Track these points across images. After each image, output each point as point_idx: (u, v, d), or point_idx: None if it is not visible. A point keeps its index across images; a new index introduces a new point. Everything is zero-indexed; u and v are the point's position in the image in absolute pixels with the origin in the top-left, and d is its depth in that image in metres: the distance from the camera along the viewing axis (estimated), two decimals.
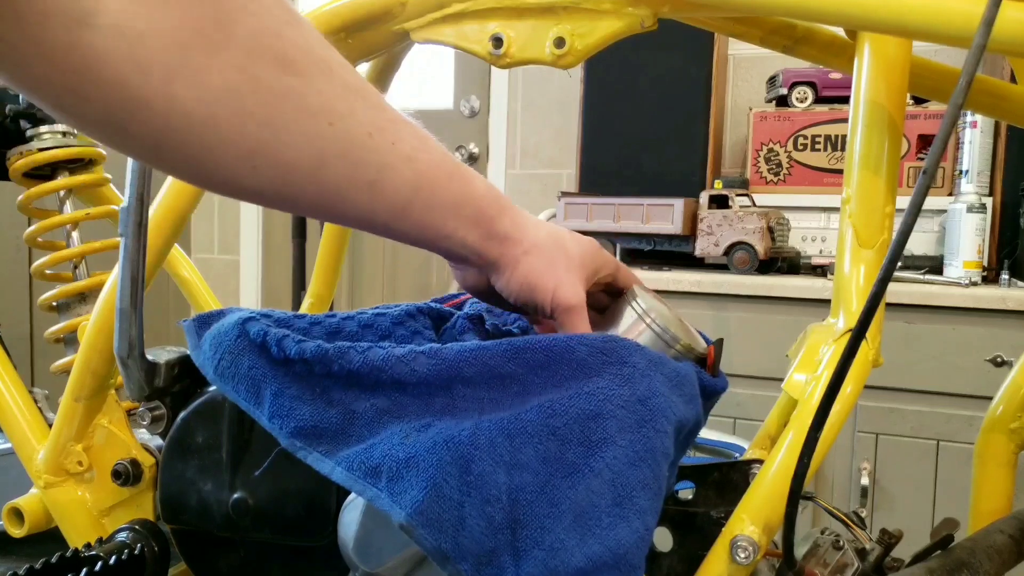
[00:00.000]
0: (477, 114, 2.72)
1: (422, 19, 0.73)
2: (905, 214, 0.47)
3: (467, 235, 0.51)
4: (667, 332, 0.56)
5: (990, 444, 0.78)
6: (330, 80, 0.42)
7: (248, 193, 0.43)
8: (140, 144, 0.39)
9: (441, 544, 0.44)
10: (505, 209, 0.53)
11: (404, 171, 0.46)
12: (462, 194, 0.50)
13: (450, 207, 0.49)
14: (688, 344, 0.56)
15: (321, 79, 0.42)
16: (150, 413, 0.70)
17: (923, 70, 0.73)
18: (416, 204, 0.48)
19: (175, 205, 0.73)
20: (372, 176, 0.45)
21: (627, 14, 0.66)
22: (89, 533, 0.77)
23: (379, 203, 0.46)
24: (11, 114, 0.95)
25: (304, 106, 0.41)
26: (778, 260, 1.92)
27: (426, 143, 0.48)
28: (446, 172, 0.49)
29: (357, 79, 0.44)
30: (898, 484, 1.69)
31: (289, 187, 0.43)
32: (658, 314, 0.56)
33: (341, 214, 0.47)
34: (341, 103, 0.43)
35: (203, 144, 0.39)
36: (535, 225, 0.55)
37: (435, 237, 0.50)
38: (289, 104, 0.40)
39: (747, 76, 2.32)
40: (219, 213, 3.02)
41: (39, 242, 1.00)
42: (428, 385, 0.49)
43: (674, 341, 0.56)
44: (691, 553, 0.63)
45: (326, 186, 0.44)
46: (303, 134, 0.41)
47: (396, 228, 0.48)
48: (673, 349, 0.56)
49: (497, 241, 0.52)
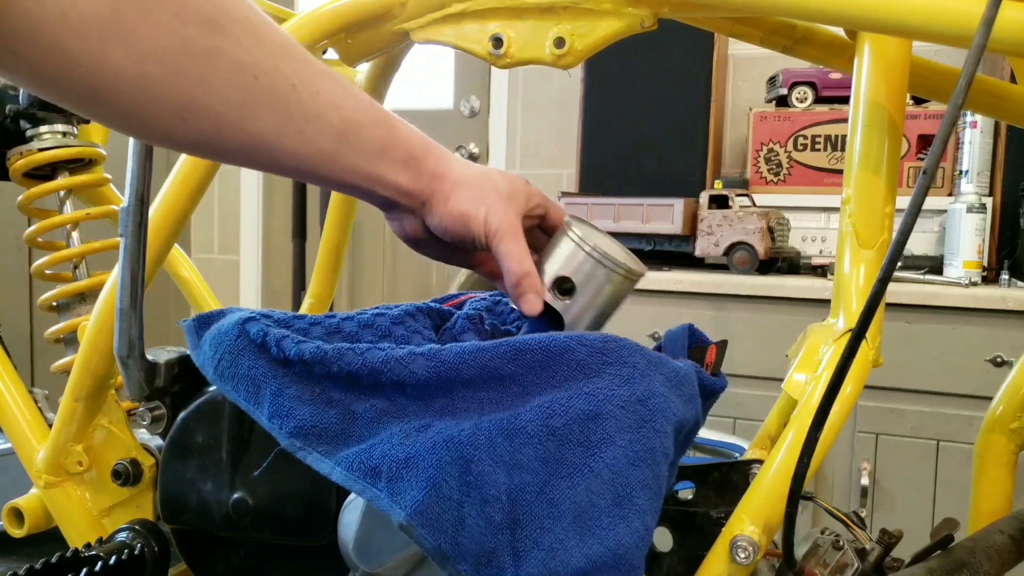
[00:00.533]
0: (477, 114, 2.72)
1: (422, 19, 0.73)
2: (905, 214, 0.47)
3: (397, 176, 0.54)
4: (607, 258, 0.56)
5: (990, 444, 0.78)
6: (256, 38, 0.45)
7: (180, 144, 0.47)
8: (74, 98, 0.42)
9: (441, 544, 0.44)
10: (431, 149, 0.56)
11: (330, 119, 0.49)
12: (388, 138, 0.53)
13: (378, 151, 0.52)
14: (628, 267, 0.56)
15: (246, 37, 0.45)
16: (150, 413, 0.70)
17: (923, 70, 0.73)
18: (344, 149, 0.51)
19: (175, 205, 0.73)
20: (299, 125, 0.48)
21: (627, 14, 0.66)
22: (89, 533, 0.77)
23: (307, 150, 0.49)
24: (11, 114, 0.95)
25: (231, 63, 0.44)
26: (778, 260, 1.92)
27: (351, 92, 0.51)
28: (371, 118, 0.52)
29: (282, 37, 0.47)
30: (898, 484, 1.68)
31: (219, 138, 0.46)
32: (596, 241, 0.56)
33: (271, 161, 0.49)
34: (267, 59, 0.46)
35: (134, 99, 0.42)
36: (462, 163, 0.57)
37: (366, 181, 0.53)
38: (217, 61, 0.43)
39: (747, 76, 2.32)
40: (219, 213, 3.02)
41: (39, 242, 1.00)
42: (427, 386, 0.49)
43: (616, 266, 0.56)
44: (691, 553, 0.63)
45: (254, 136, 0.47)
46: (231, 88, 0.44)
47: (326, 173, 0.51)
48: (616, 274, 0.56)
49: (426, 179, 0.55)
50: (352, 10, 0.73)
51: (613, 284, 0.57)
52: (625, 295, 0.58)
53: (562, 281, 0.57)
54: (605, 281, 0.56)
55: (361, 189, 0.54)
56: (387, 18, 0.73)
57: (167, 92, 0.42)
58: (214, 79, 0.43)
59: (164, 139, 0.46)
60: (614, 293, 0.57)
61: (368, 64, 0.87)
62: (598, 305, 0.57)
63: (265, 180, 2.97)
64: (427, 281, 2.84)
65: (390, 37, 0.75)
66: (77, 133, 0.99)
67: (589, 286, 0.56)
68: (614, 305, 0.58)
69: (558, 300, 0.57)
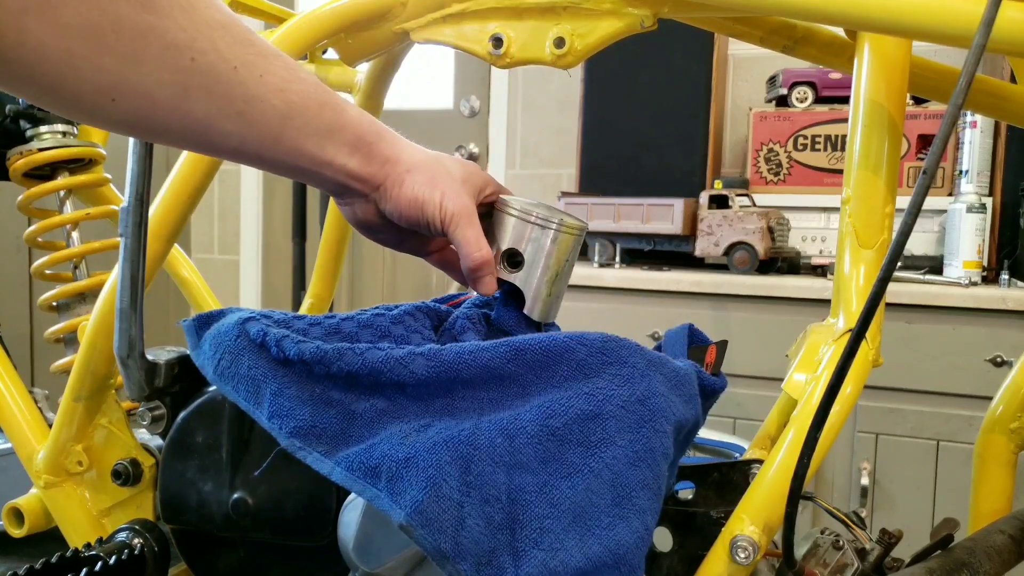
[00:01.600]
0: (477, 114, 2.72)
1: (422, 19, 0.73)
2: (905, 214, 0.47)
3: (347, 161, 0.53)
4: (545, 220, 0.59)
5: (990, 444, 0.78)
6: (191, 17, 0.43)
7: (112, 123, 0.45)
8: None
9: (440, 544, 0.44)
10: (383, 133, 0.55)
11: (273, 101, 0.48)
12: (336, 121, 0.52)
13: (325, 133, 0.51)
14: (567, 223, 0.59)
15: (182, 16, 0.43)
16: (150, 413, 0.70)
17: (923, 70, 0.73)
18: (288, 132, 0.49)
19: (175, 205, 0.73)
20: (239, 107, 0.47)
21: (627, 14, 0.66)
22: (89, 533, 0.77)
23: (249, 133, 0.48)
24: (11, 114, 0.95)
25: (164, 43, 0.42)
26: (778, 260, 1.92)
27: (296, 74, 0.50)
28: (317, 101, 0.51)
29: (222, 15, 0.46)
30: (898, 484, 1.68)
31: (153, 119, 0.44)
32: (531, 209, 0.59)
33: (211, 144, 0.48)
34: (203, 39, 0.44)
35: (58, 75, 0.40)
36: (414, 147, 0.57)
37: (314, 164, 0.52)
38: (148, 41, 0.42)
39: (747, 76, 2.32)
40: (219, 213, 3.02)
41: (39, 242, 1.00)
42: (427, 386, 0.49)
43: (557, 225, 0.59)
44: (691, 553, 0.63)
45: (192, 117, 0.45)
46: (164, 69, 0.43)
47: (270, 156, 0.50)
48: (559, 232, 0.59)
49: (379, 163, 0.54)
50: (352, 10, 0.73)
51: (558, 244, 0.59)
52: (573, 252, 0.61)
53: (511, 255, 0.59)
54: (550, 242, 0.59)
55: (308, 172, 0.52)
56: (387, 18, 0.73)
57: (94, 70, 0.40)
58: (146, 59, 0.42)
59: (93, 117, 0.44)
60: (560, 252, 0.59)
61: (368, 64, 0.87)
62: (550, 267, 0.59)
63: (265, 180, 2.97)
64: (427, 281, 2.84)
65: (390, 37, 0.75)
66: (77, 133, 0.99)
67: (537, 253, 0.59)
68: (564, 263, 0.60)
69: (510, 273, 0.59)
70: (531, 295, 0.59)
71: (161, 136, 0.47)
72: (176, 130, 0.46)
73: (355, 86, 0.94)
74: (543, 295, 0.60)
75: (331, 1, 0.74)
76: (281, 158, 0.50)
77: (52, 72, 0.40)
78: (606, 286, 1.83)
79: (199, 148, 0.50)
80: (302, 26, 0.73)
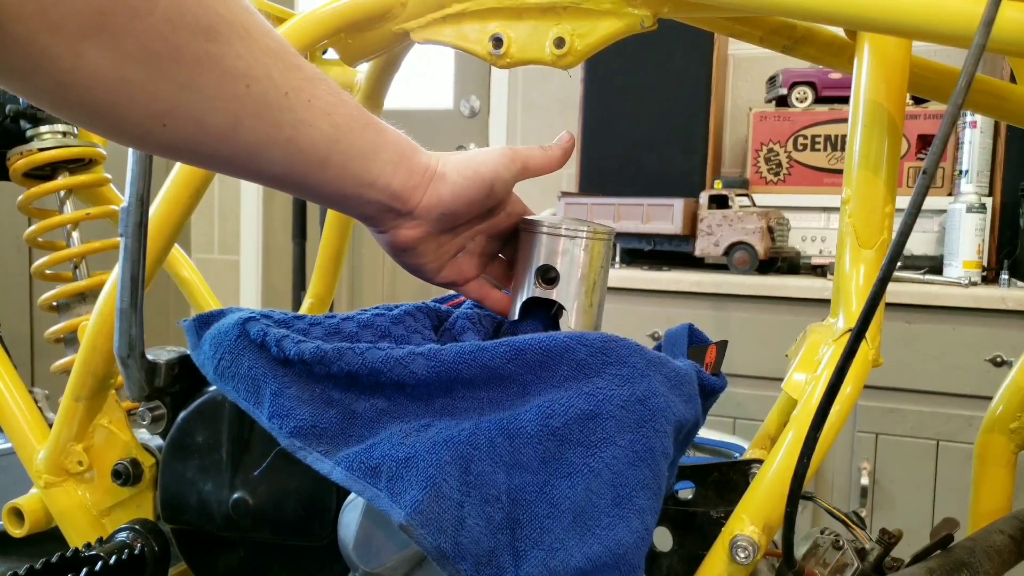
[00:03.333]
0: (477, 114, 2.72)
1: (422, 19, 0.72)
2: (905, 214, 0.47)
3: (391, 180, 0.52)
4: (573, 230, 0.58)
5: (990, 444, 0.78)
6: (248, 44, 0.43)
7: (158, 148, 0.45)
8: (42, 93, 0.39)
9: (441, 544, 0.44)
10: (418, 147, 0.55)
11: (321, 125, 0.48)
12: (378, 140, 0.52)
13: (369, 154, 0.51)
14: (595, 229, 0.59)
15: (240, 44, 0.42)
16: (150, 413, 0.70)
17: (923, 70, 0.73)
18: (335, 156, 0.49)
19: (175, 205, 0.73)
20: (288, 133, 0.46)
21: (627, 14, 0.66)
22: (89, 533, 0.77)
23: (296, 158, 0.48)
24: (11, 114, 0.95)
25: (221, 71, 0.42)
26: (778, 260, 1.92)
27: (340, 98, 0.50)
28: (360, 123, 0.51)
29: (275, 41, 0.45)
30: (898, 484, 1.68)
31: (203, 146, 0.44)
32: (555, 221, 0.59)
33: (258, 171, 0.48)
34: (258, 66, 0.44)
35: (110, 101, 0.39)
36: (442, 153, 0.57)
37: (358, 186, 0.51)
38: (205, 69, 0.41)
39: (747, 76, 2.32)
40: (219, 213, 3.02)
41: (39, 242, 1.00)
42: (427, 386, 0.49)
43: (590, 233, 0.58)
44: (691, 553, 0.63)
45: (241, 145, 0.45)
46: (218, 97, 0.42)
47: (315, 181, 0.50)
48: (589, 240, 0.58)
49: (420, 172, 0.54)
50: (352, 10, 0.73)
51: (591, 251, 0.59)
52: (606, 258, 0.60)
53: (544, 271, 0.59)
54: (583, 251, 0.58)
55: (351, 196, 0.52)
56: (387, 18, 0.73)
57: (148, 97, 0.40)
58: (201, 86, 0.41)
59: (142, 142, 0.44)
60: (594, 259, 0.59)
61: (368, 64, 0.87)
62: (586, 276, 0.59)
63: None
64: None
65: (390, 37, 0.75)
66: (77, 133, 0.99)
67: (572, 264, 0.58)
68: (599, 269, 0.60)
69: (547, 289, 0.59)
70: (573, 308, 0.58)
71: (208, 161, 0.47)
72: (225, 156, 0.46)
73: (355, 86, 0.94)
74: (584, 306, 0.59)
75: (331, 1, 0.74)
76: (325, 183, 0.50)
77: (104, 98, 0.39)
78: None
79: (245, 175, 0.49)
80: (302, 26, 0.73)
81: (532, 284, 0.58)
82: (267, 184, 0.50)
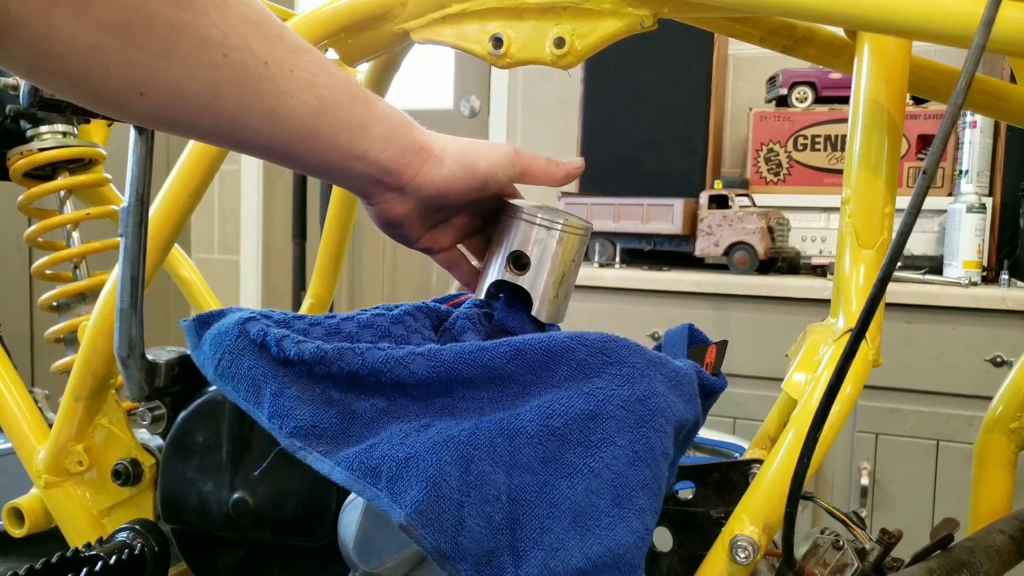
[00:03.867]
0: (477, 114, 2.72)
1: (422, 19, 0.72)
2: (905, 214, 0.47)
3: (380, 153, 0.52)
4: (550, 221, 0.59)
5: (990, 444, 0.78)
6: (224, 13, 0.43)
7: (138, 117, 0.45)
8: (17, 61, 0.39)
9: (441, 544, 0.44)
10: (413, 123, 0.55)
11: (305, 97, 0.47)
12: (367, 115, 0.51)
13: (358, 128, 0.51)
14: (572, 223, 0.59)
15: (215, 12, 0.42)
16: (150, 413, 0.70)
17: (923, 70, 0.73)
18: (321, 128, 0.49)
19: (175, 205, 0.73)
20: (270, 103, 0.46)
21: (627, 14, 0.66)
22: (89, 533, 0.77)
23: (279, 128, 0.47)
24: (11, 114, 0.95)
25: (197, 39, 0.42)
26: (778, 260, 1.92)
27: (326, 69, 0.49)
28: (348, 96, 0.50)
29: (253, 10, 0.45)
30: (898, 484, 1.69)
31: (182, 114, 0.44)
32: (535, 210, 0.59)
33: (241, 140, 0.48)
34: (235, 35, 0.43)
35: (86, 68, 0.39)
36: (439, 134, 0.57)
37: (346, 159, 0.51)
38: (180, 37, 0.41)
39: (747, 76, 2.32)
40: (219, 213, 3.02)
41: (39, 242, 1.00)
42: (427, 386, 0.49)
43: (566, 226, 0.59)
44: (691, 553, 0.63)
45: (222, 114, 0.45)
46: (195, 66, 0.42)
47: (300, 153, 0.49)
48: (565, 233, 0.59)
49: (414, 152, 0.54)
50: (352, 10, 0.73)
51: (564, 244, 0.59)
52: (579, 252, 0.61)
53: (516, 257, 0.59)
54: (556, 243, 0.59)
55: (339, 169, 0.52)
56: (387, 18, 0.73)
57: (124, 65, 0.40)
58: (177, 55, 0.41)
59: (121, 111, 0.44)
60: (566, 253, 0.60)
61: (368, 64, 0.87)
62: (556, 267, 0.59)
63: (265, 180, 2.97)
64: (427, 281, 2.84)
65: (390, 37, 0.75)
66: (77, 133, 0.99)
67: (543, 254, 0.59)
68: (570, 263, 0.60)
69: (516, 275, 0.59)
70: (538, 297, 0.59)
71: (190, 131, 0.47)
72: (206, 126, 0.45)
73: None
74: (550, 296, 0.60)
75: (331, 1, 0.74)
76: (312, 155, 0.50)
77: (81, 66, 0.39)
78: (606, 286, 1.83)
79: (228, 144, 0.49)
80: (302, 26, 0.73)
81: (502, 267, 0.59)
82: (252, 154, 0.50)
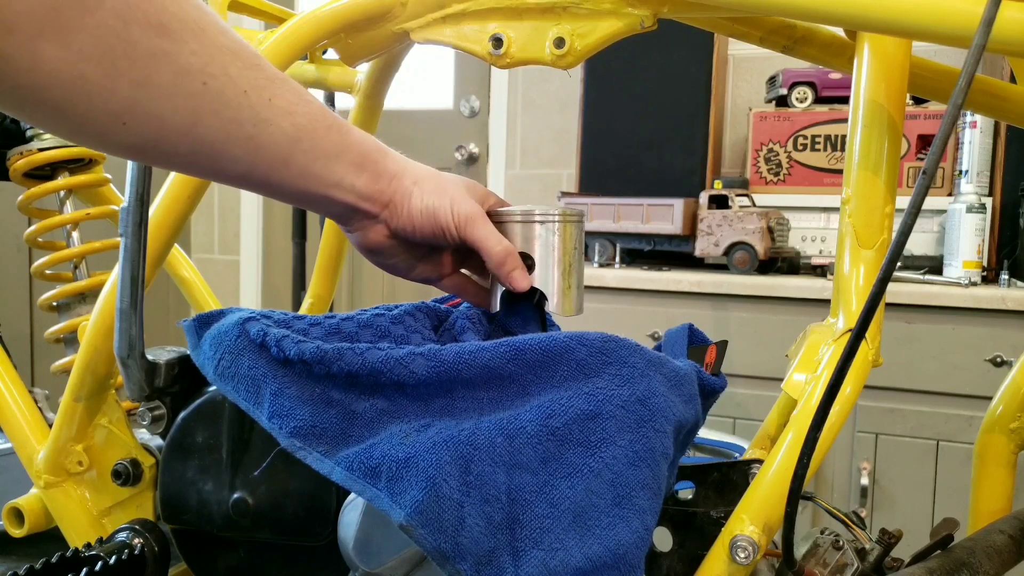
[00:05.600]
0: (477, 114, 2.72)
1: (422, 19, 0.73)
2: (905, 214, 0.47)
3: (355, 180, 0.53)
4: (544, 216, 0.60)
5: (990, 444, 0.78)
6: (202, 42, 0.44)
7: (120, 148, 0.45)
8: (3, 96, 0.39)
9: (441, 544, 0.44)
10: (386, 151, 0.56)
11: (282, 124, 0.48)
12: (342, 142, 0.52)
13: (332, 155, 0.52)
14: (569, 211, 0.61)
15: (194, 41, 0.43)
16: (150, 413, 0.70)
17: (923, 70, 0.73)
18: (297, 155, 0.50)
19: (175, 205, 0.73)
20: (249, 131, 0.47)
21: (627, 14, 0.66)
22: (89, 533, 0.77)
23: (258, 156, 0.48)
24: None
25: (177, 67, 0.42)
26: (778, 260, 1.92)
27: (303, 98, 0.50)
28: (324, 124, 0.51)
29: (231, 40, 0.46)
30: (898, 484, 1.68)
31: (163, 143, 0.44)
32: (526, 209, 0.61)
33: (221, 170, 0.48)
34: (214, 64, 0.44)
35: (70, 100, 0.40)
36: (413, 163, 0.58)
37: (322, 186, 0.52)
38: (161, 66, 0.42)
39: (747, 76, 2.32)
40: (219, 213, 3.02)
41: (39, 242, 1.00)
42: (427, 386, 0.49)
43: (560, 216, 0.60)
44: (691, 553, 0.63)
45: (202, 142, 0.45)
46: (176, 94, 0.43)
47: (278, 181, 0.50)
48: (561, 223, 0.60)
49: (386, 179, 0.55)
50: (352, 10, 0.73)
51: (563, 235, 0.60)
52: (579, 239, 0.62)
53: (521, 259, 0.60)
54: (555, 235, 0.60)
55: (315, 196, 0.52)
56: (387, 18, 0.73)
57: (106, 95, 0.40)
58: (158, 83, 0.42)
59: (102, 142, 0.44)
60: (567, 242, 0.61)
61: (368, 64, 0.87)
62: (561, 259, 0.60)
63: None
64: None
65: (390, 37, 0.75)
66: None
67: (546, 249, 0.60)
68: (573, 251, 0.61)
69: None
70: (553, 292, 0.60)
71: (169, 160, 0.47)
72: (185, 154, 0.46)
73: (355, 86, 0.94)
74: (563, 288, 0.61)
75: (331, 1, 0.74)
76: (289, 182, 0.51)
77: (63, 97, 0.39)
78: (606, 286, 1.83)
79: (208, 173, 0.50)
80: (302, 26, 0.73)
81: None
82: (232, 184, 0.51)
